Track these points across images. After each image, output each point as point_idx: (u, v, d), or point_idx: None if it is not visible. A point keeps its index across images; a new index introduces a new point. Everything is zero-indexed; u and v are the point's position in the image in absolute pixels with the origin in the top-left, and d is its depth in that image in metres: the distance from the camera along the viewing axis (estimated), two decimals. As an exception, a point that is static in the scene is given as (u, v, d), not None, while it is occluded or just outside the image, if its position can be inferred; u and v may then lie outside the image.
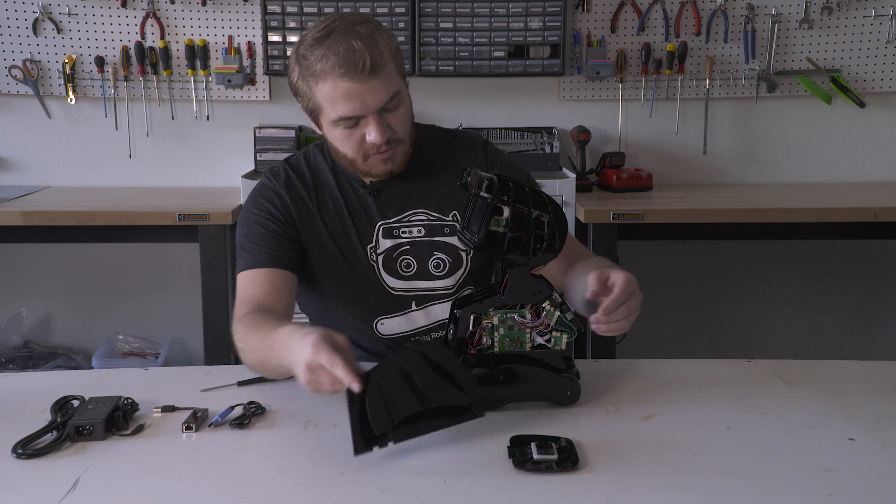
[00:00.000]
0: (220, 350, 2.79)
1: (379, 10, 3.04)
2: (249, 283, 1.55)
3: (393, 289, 1.59)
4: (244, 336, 1.43)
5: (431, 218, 1.61)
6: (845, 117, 3.31)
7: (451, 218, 1.62)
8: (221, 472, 1.11)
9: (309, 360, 1.16)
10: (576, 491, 1.07)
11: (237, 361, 3.19)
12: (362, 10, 3.04)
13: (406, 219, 1.60)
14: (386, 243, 1.59)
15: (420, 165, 1.61)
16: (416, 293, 1.60)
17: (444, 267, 1.61)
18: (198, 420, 1.24)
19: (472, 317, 1.31)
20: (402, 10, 3.05)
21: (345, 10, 3.04)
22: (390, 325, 1.61)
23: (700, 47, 3.24)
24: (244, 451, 1.18)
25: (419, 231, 1.60)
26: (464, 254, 1.62)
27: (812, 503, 1.04)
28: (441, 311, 1.61)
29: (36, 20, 3.14)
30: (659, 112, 3.31)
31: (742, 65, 3.24)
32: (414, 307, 1.60)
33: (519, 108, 3.29)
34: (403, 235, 1.60)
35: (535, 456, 1.12)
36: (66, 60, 3.15)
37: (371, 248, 1.59)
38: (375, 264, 1.59)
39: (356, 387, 1.15)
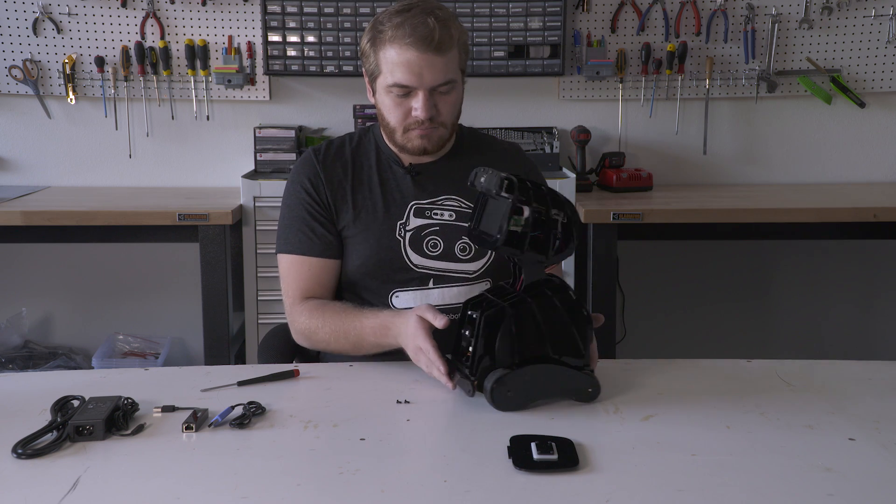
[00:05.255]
0: (220, 350, 2.79)
1: (379, 10, 3.03)
2: (296, 270, 1.66)
3: (415, 265, 1.64)
4: (322, 321, 1.58)
5: (463, 205, 1.68)
6: (845, 117, 3.31)
7: None
8: (221, 472, 1.11)
9: (412, 345, 1.39)
10: (576, 491, 1.07)
11: (237, 361, 3.19)
12: (362, 11, 3.04)
13: (439, 202, 1.67)
14: (416, 221, 1.65)
15: (460, 154, 1.70)
16: (437, 273, 1.65)
17: (470, 252, 1.66)
18: (198, 420, 1.24)
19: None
20: (402, 10, 3.04)
21: (345, 10, 3.04)
22: (405, 299, 1.64)
23: (700, 47, 3.24)
24: (244, 451, 1.18)
25: (450, 215, 1.67)
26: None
27: (812, 503, 1.04)
28: (457, 293, 1.64)
29: (36, 20, 3.14)
30: (659, 112, 3.31)
31: (742, 65, 3.24)
32: (431, 284, 1.64)
33: (519, 108, 3.29)
34: (435, 217, 1.66)
35: (536, 456, 1.12)
36: (66, 60, 3.15)
37: (401, 225, 1.65)
38: (402, 239, 1.64)
39: (447, 382, 1.34)
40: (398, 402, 1.34)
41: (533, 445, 1.14)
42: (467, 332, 1.34)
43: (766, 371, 1.49)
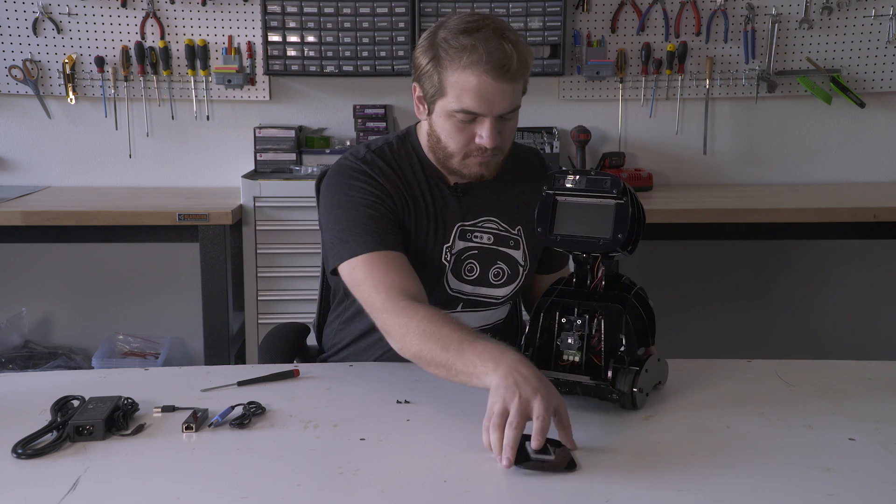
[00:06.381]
0: (220, 350, 2.79)
1: (379, 10, 3.04)
2: (381, 267, 1.44)
3: (451, 289, 1.60)
4: (420, 337, 1.32)
5: (500, 228, 1.63)
6: (845, 117, 3.31)
7: (516, 231, 1.64)
8: (221, 472, 1.11)
9: (553, 399, 1.15)
10: (575, 491, 1.07)
11: (237, 361, 3.19)
12: (362, 11, 3.04)
13: (480, 224, 1.62)
14: (459, 244, 1.60)
15: (500, 175, 1.60)
16: (468, 297, 1.62)
17: (503, 277, 1.63)
18: (198, 420, 1.24)
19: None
20: (402, 10, 3.05)
21: (345, 10, 3.04)
22: None
23: (700, 47, 3.24)
24: (244, 451, 1.18)
25: (489, 238, 1.62)
26: (521, 268, 1.64)
27: (812, 503, 1.04)
28: (480, 318, 1.64)
29: (36, 20, 3.14)
30: (659, 112, 3.31)
31: (742, 65, 3.24)
32: (459, 309, 1.62)
33: (519, 108, 3.29)
34: (475, 240, 1.61)
35: (532, 456, 1.12)
36: (66, 60, 3.15)
37: (447, 248, 1.59)
38: (448, 264, 1.59)
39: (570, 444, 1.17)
40: (398, 402, 1.34)
41: (527, 444, 1.13)
42: (570, 340, 1.31)
43: (766, 371, 1.49)
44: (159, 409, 1.29)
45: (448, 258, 1.59)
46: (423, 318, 1.33)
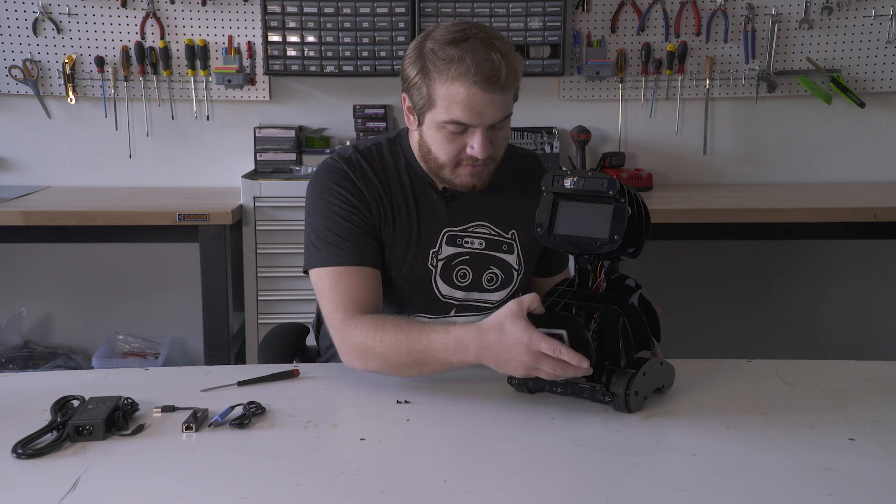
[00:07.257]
0: (220, 350, 2.79)
1: (379, 10, 3.04)
2: (345, 283, 1.48)
3: (442, 295, 1.60)
4: (382, 335, 1.38)
5: (493, 233, 1.61)
6: (845, 117, 3.31)
7: (509, 235, 1.63)
8: (221, 472, 1.11)
9: (529, 352, 1.23)
10: (575, 491, 1.07)
11: (237, 361, 3.18)
12: (362, 11, 3.04)
13: (470, 229, 1.60)
14: (448, 250, 1.59)
15: (494, 179, 1.58)
16: (462, 302, 1.61)
17: (497, 281, 1.62)
18: (198, 420, 1.24)
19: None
20: (402, 10, 3.05)
21: (345, 10, 3.04)
22: None
23: (700, 47, 3.24)
24: (244, 451, 1.18)
25: (480, 243, 1.60)
26: (515, 272, 1.63)
27: (812, 503, 1.04)
28: (476, 322, 1.62)
29: (36, 20, 3.14)
30: (659, 112, 3.31)
31: (742, 65, 3.24)
32: (453, 314, 1.61)
33: (519, 108, 3.24)
34: (466, 245, 1.59)
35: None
36: (66, 60, 3.15)
37: (433, 253, 1.58)
38: (434, 269, 1.58)
39: (586, 365, 1.21)
40: (398, 402, 1.34)
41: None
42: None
43: (766, 371, 1.49)
44: (159, 409, 1.29)
45: (434, 263, 1.58)
46: (393, 320, 1.41)
